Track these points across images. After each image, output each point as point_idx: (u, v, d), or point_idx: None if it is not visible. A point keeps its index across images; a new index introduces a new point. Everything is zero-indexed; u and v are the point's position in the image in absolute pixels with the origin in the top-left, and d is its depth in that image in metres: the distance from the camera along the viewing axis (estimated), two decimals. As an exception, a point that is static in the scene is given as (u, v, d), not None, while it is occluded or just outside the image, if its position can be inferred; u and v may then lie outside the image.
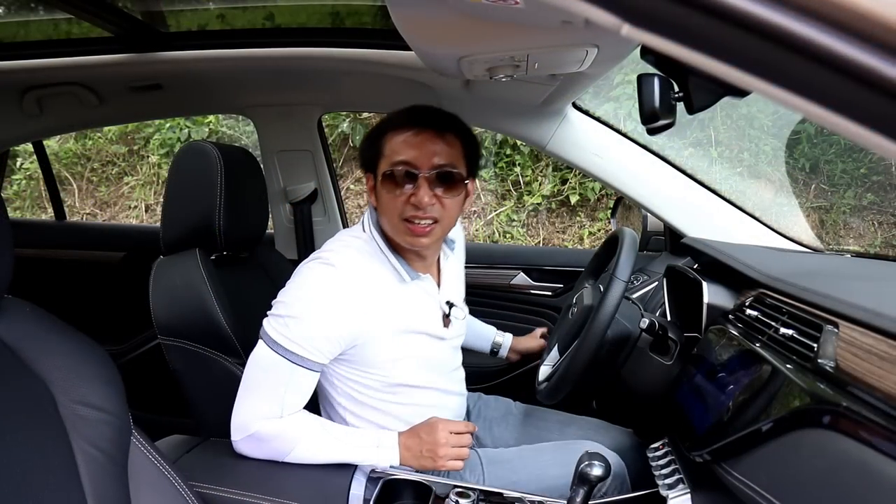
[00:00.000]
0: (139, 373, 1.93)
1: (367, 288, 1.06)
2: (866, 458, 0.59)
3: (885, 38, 0.28)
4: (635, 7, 0.32)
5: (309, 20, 1.73)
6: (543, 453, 1.19)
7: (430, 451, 1.08)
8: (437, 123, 1.07)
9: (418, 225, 1.05)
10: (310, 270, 1.05)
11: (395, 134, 1.07)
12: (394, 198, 1.05)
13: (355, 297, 1.04)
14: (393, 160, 1.05)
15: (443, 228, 1.09)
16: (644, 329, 1.17)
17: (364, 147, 1.14)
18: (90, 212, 4.84)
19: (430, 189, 1.04)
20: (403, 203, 1.05)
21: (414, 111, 1.09)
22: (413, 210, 1.05)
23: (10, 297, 0.76)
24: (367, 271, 1.07)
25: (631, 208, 1.85)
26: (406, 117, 1.08)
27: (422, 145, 1.05)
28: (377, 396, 1.15)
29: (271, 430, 1.05)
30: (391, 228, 1.09)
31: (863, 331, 0.68)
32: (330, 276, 1.03)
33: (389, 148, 1.07)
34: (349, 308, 1.03)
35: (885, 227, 3.88)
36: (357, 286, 1.04)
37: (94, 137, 4.85)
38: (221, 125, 4.59)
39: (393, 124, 1.09)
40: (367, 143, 1.13)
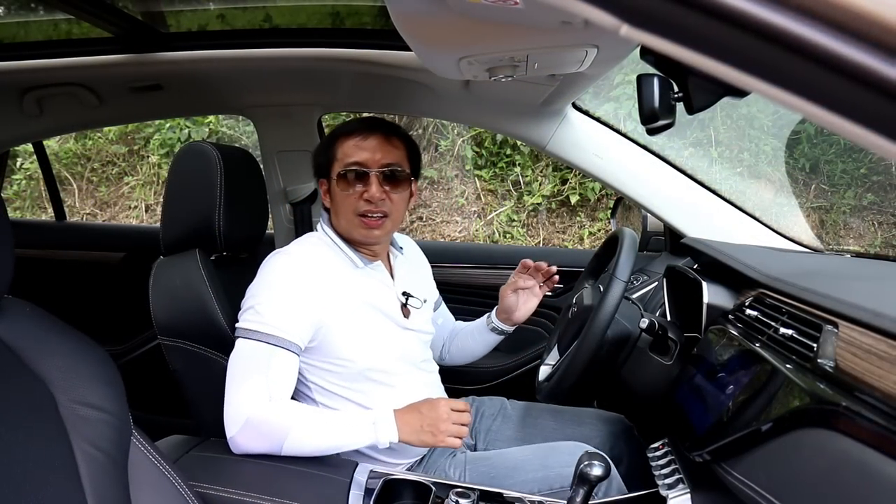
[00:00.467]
0: (139, 373, 1.93)
1: (322, 269, 1.16)
2: (866, 458, 0.59)
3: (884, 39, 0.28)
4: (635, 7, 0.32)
5: (309, 20, 1.73)
6: (525, 451, 1.21)
7: (432, 425, 1.09)
8: (384, 128, 1.21)
9: (371, 218, 1.18)
10: (268, 263, 1.16)
11: (346, 139, 1.20)
12: (348, 196, 1.18)
13: (312, 276, 1.14)
14: (346, 162, 1.18)
15: (392, 222, 1.22)
16: (644, 329, 1.17)
17: (317, 155, 1.26)
18: (90, 212, 4.84)
19: (380, 185, 1.17)
20: (357, 199, 1.17)
21: (362, 120, 1.24)
22: (366, 205, 1.17)
23: (10, 297, 0.76)
24: (322, 257, 1.19)
25: (631, 208, 1.85)
26: (355, 124, 1.22)
27: (371, 147, 1.18)
28: (351, 387, 1.17)
29: (262, 416, 1.05)
30: (346, 224, 1.20)
31: (862, 331, 0.68)
32: (287, 261, 1.15)
33: (342, 152, 1.20)
34: (308, 285, 1.12)
35: (885, 227, 3.88)
36: (313, 267, 1.15)
37: (94, 137, 4.85)
38: (221, 125, 4.59)
39: (344, 131, 1.22)
40: (320, 151, 1.26)
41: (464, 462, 1.20)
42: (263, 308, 1.09)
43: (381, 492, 1.04)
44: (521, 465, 1.16)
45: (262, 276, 1.14)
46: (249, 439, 1.06)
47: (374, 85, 1.70)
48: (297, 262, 1.15)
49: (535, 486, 1.11)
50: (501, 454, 1.22)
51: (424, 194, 4.48)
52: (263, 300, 1.10)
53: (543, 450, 1.20)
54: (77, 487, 0.69)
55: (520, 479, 1.13)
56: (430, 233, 4.43)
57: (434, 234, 4.43)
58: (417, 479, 1.08)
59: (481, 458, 1.21)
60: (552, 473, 1.12)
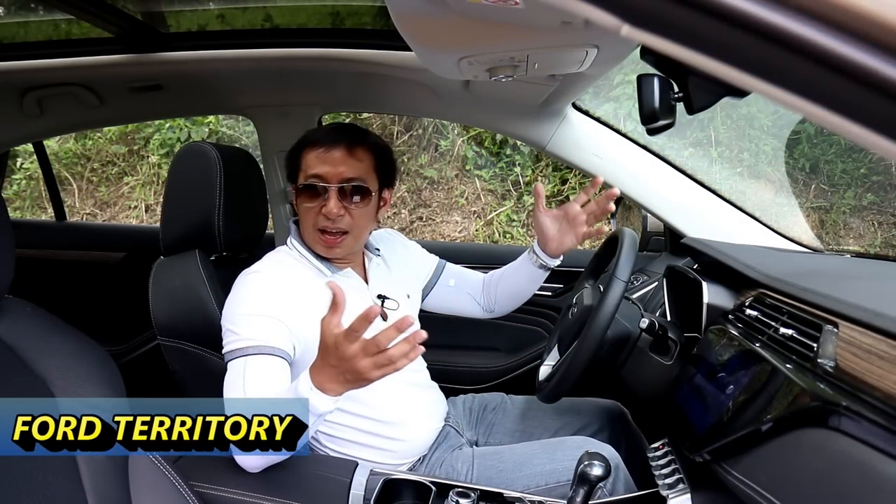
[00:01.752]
0: (139, 373, 1.93)
1: (292, 283, 1.13)
2: (866, 457, 0.59)
3: (884, 39, 0.28)
4: (635, 7, 0.32)
5: (309, 20, 1.73)
6: (532, 446, 1.22)
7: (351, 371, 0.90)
8: (349, 139, 1.16)
9: (330, 235, 1.15)
10: (238, 283, 1.13)
11: (310, 149, 1.17)
12: (308, 209, 1.16)
13: (283, 290, 1.11)
14: (307, 174, 1.16)
15: (354, 238, 1.19)
16: (644, 329, 1.17)
17: (287, 161, 1.23)
18: (90, 212, 4.84)
19: (339, 201, 1.14)
20: (316, 214, 1.15)
21: (329, 128, 1.22)
22: (324, 220, 1.14)
23: (10, 297, 0.76)
24: (291, 270, 1.16)
25: (631, 208, 1.85)
26: (321, 134, 1.19)
27: (332, 160, 1.14)
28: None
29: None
30: (308, 237, 1.18)
31: (862, 331, 0.68)
32: (256, 279, 1.12)
33: (305, 162, 1.17)
34: (280, 300, 1.09)
35: (885, 227, 3.88)
36: (283, 282, 1.13)
37: (94, 137, 4.85)
38: (221, 125, 4.59)
39: (309, 140, 1.18)
40: (288, 158, 1.23)
41: (472, 457, 1.20)
42: (238, 327, 1.06)
43: (381, 492, 1.04)
44: (530, 459, 1.16)
45: (233, 296, 1.11)
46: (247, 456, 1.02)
47: (374, 85, 1.70)
48: (266, 278, 1.13)
49: (542, 480, 1.12)
50: (510, 449, 1.22)
51: (424, 194, 4.48)
52: (237, 319, 1.07)
53: (552, 444, 1.21)
54: (78, 487, 0.69)
55: (528, 473, 1.14)
56: (430, 233, 4.43)
57: (434, 234, 4.43)
58: (417, 479, 1.08)
59: (490, 453, 1.21)
60: (560, 467, 1.13)
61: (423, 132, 4.46)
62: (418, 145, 4.47)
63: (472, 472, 1.17)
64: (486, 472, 1.16)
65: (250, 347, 1.04)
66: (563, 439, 1.24)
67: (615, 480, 1.13)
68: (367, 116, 4.34)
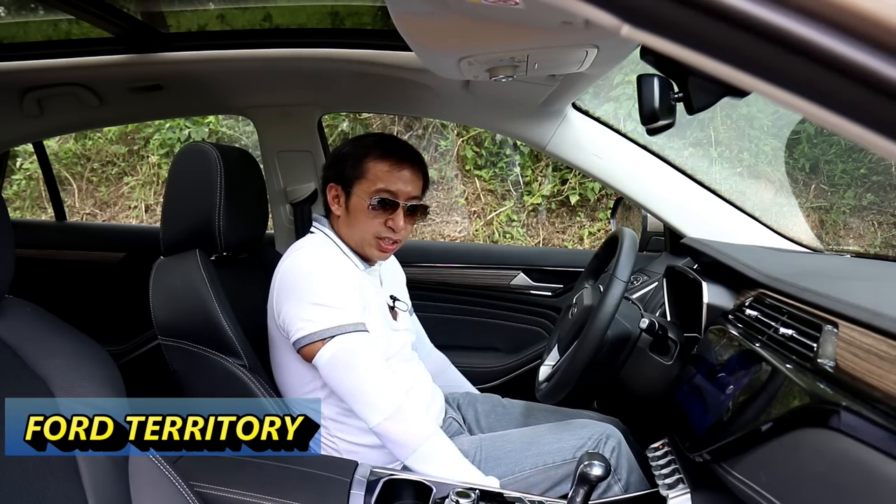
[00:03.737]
0: (139, 373, 1.93)
1: (342, 263, 1.19)
2: (866, 457, 0.59)
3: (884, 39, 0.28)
4: (635, 8, 0.32)
5: (309, 20, 1.73)
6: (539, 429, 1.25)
7: None
8: (413, 158, 1.23)
9: (388, 244, 1.22)
10: (297, 263, 1.16)
11: (378, 160, 1.20)
12: (371, 219, 1.19)
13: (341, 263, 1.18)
14: (377, 186, 1.18)
15: (400, 246, 1.26)
16: (644, 329, 1.17)
17: (342, 163, 1.22)
18: (90, 212, 4.84)
19: (404, 217, 1.21)
20: (380, 224, 1.20)
21: (394, 142, 1.24)
22: (388, 232, 1.20)
23: (10, 297, 0.76)
24: (336, 255, 1.21)
25: (631, 208, 1.85)
26: (389, 147, 1.22)
27: (404, 178, 1.20)
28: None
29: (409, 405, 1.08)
30: (360, 240, 1.22)
31: (862, 331, 0.68)
32: (317, 251, 1.18)
33: (373, 173, 1.19)
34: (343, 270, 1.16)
35: (885, 227, 3.88)
36: (337, 260, 1.18)
37: (94, 137, 4.84)
38: (221, 125, 4.59)
39: (377, 152, 1.20)
40: (348, 161, 1.22)
41: (479, 440, 1.22)
42: (331, 299, 1.10)
43: (381, 492, 1.04)
44: (538, 439, 1.19)
45: (303, 271, 1.14)
46: (398, 425, 1.08)
47: (374, 85, 1.70)
48: (325, 253, 1.18)
49: (549, 458, 1.15)
50: (518, 431, 1.25)
51: (424, 194, 4.47)
52: (323, 292, 1.11)
53: (559, 425, 1.24)
54: (77, 487, 0.69)
55: (535, 452, 1.16)
56: (430, 233, 4.43)
57: (434, 234, 4.43)
58: (417, 479, 1.08)
59: (497, 437, 1.23)
60: (567, 445, 1.16)
61: (423, 132, 4.46)
62: (418, 145, 4.47)
63: (481, 453, 1.18)
64: (495, 452, 1.18)
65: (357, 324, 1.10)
66: (569, 421, 1.26)
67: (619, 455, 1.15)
68: (367, 116, 4.34)
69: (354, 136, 1.29)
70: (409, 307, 1.39)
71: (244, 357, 1.20)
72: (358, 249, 1.24)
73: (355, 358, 1.09)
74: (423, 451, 1.09)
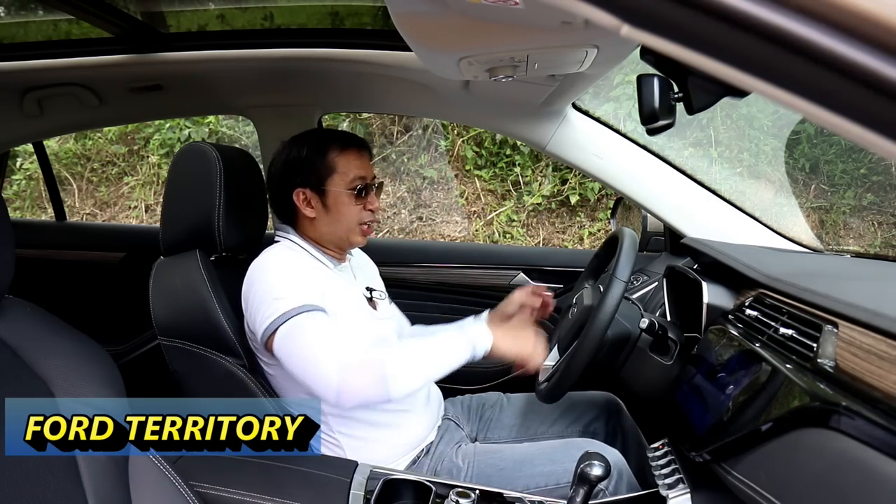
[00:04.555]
0: (139, 373, 1.92)
1: (309, 265, 1.21)
2: (866, 457, 0.59)
3: (884, 39, 0.28)
4: (635, 7, 0.32)
5: (309, 20, 1.73)
6: (535, 447, 1.23)
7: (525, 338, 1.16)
8: (363, 142, 1.28)
9: (369, 227, 1.27)
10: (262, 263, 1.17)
11: (342, 153, 1.23)
12: (353, 207, 1.23)
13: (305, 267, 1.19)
14: (352, 175, 1.23)
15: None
16: (644, 329, 1.17)
17: (305, 167, 1.23)
18: (90, 212, 4.83)
19: (376, 197, 1.27)
20: (360, 210, 1.24)
21: (340, 132, 1.31)
22: (369, 216, 1.25)
23: (10, 298, 0.76)
24: (303, 257, 1.23)
25: (631, 208, 1.85)
26: (343, 138, 1.27)
27: (367, 162, 1.26)
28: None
29: (351, 359, 1.07)
30: (345, 232, 1.25)
31: (862, 331, 0.68)
32: (278, 254, 1.20)
33: (343, 165, 1.23)
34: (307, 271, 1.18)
35: (885, 227, 3.88)
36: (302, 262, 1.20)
37: (94, 137, 4.84)
38: (221, 125, 4.59)
39: (336, 144, 1.24)
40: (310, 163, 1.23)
41: (473, 453, 1.22)
42: (285, 291, 1.11)
43: (381, 492, 1.04)
44: (530, 460, 1.17)
45: (262, 274, 1.16)
46: (352, 387, 1.06)
47: (374, 85, 1.70)
48: (287, 253, 1.20)
49: (542, 481, 1.13)
50: (511, 448, 1.23)
51: (424, 194, 4.48)
52: (279, 285, 1.12)
53: (553, 446, 1.22)
54: (78, 488, 0.69)
55: (527, 473, 1.14)
56: (430, 233, 4.43)
57: (434, 234, 4.43)
58: (417, 479, 1.08)
59: (490, 451, 1.22)
60: (560, 468, 1.13)
61: (423, 132, 4.46)
62: (418, 145, 4.47)
63: (473, 468, 1.18)
64: (486, 469, 1.17)
65: (308, 305, 1.10)
66: (565, 441, 1.24)
67: (618, 482, 1.13)
68: (367, 116, 4.34)
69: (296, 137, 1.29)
70: (386, 296, 1.40)
71: (244, 357, 1.21)
72: (341, 243, 1.27)
73: (297, 340, 1.08)
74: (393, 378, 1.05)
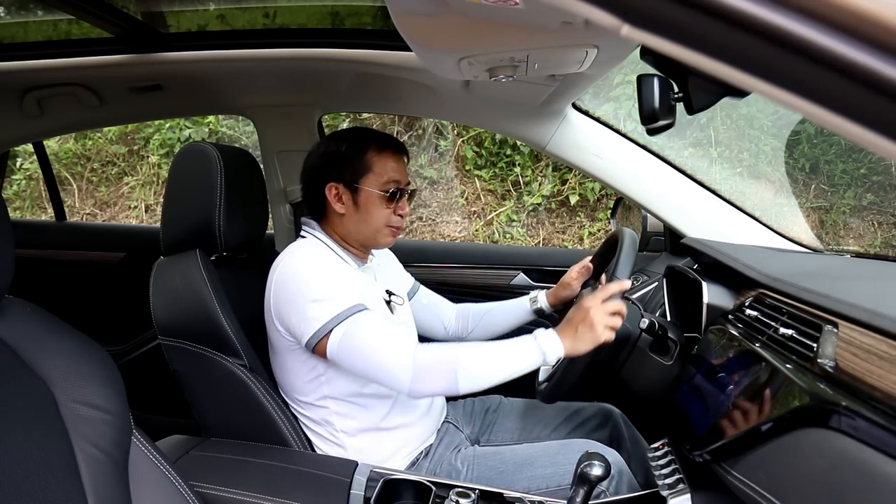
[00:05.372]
0: (140, 373, 1.93)
1: (336, 264, 1.20)
2: (866, 457, 0.59)
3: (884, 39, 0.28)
4: (635, 8, 0.32)
5: (309, 20, 1.72)
6: (534, 448, 1.23)
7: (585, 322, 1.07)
8: (403, 147, 1.28)
9: (397, 229, 1.26)
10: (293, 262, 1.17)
11: (380, 153, 1.22)
12: (383, 208, 1.23)
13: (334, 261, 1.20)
14: (387, 178, 1.22)
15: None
16: (644, 329, 1.17)
17: (342, 161, 1.23)
18: (90, 212, 4.84)
19: (408, 203, 1.27)
20: (391, 214, 1.24)
21: (383, 134, 1.28)
22: (398, 220, 1.25)
23: (10, 298, 0.76)
24: (326, 251, 1.22)
25: (631, 208, 1.85)
26: (383, 139, 1.25)
27: (403, 167, 1.26)
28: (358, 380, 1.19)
29: (424, 355, 1.07)
30: (374, 231, 1.24)
31: (862, 331, 0.68)
32: (308, 253, 1.19)
33: (380, 166, 1.22)
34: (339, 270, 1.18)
35: (885, 227, 3.88)
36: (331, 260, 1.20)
37: (94, 137, 4.84)
38: (221, 125, 4.59)
39: (375, 144, 1.23)
40: (348, 159, 1.22)
41: (472, 456, 1.22)
42: (329, 292, 1.11)
43: (381, 492, 1.04)
44: (531, 462, 1.17)
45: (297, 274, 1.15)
46: (427, 381, 1.07)
47: (374, 85, 1.70)
48: (318, 254, 1.19)
49: (543, 483, 1.13)
50: (511, 450, 1.23)
51: (424, 194, 4.48)
52: (321, 287, 1.12)
53: (553, 447, 1.21)
54: (77, 487, 0.69)
55: (528, 475, 1.14)
56: (430, 233, 4.43)
57: (434, 234, 4.43)
58: (417, 479, 1.08)
59: (491, 454, 1.22)
60: (561, 470, 1.13)
61: (423, 132, 4.46)
62: (418, 145, 4.47)
63: (473, 471, 1.18)
64: (487, 472, 1.17)
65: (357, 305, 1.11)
66: (565, 442, 1.24)
67: (619, 484, 1.13)
68: (367, 116, 4.34)
69: (337, 133, 1.29)
70: (405, 300, 1.39)
71: (244, 357, 1.21)
72: (367, 242, 1.26)
73: (359, 339, 1.09)
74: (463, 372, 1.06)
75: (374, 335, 1.09)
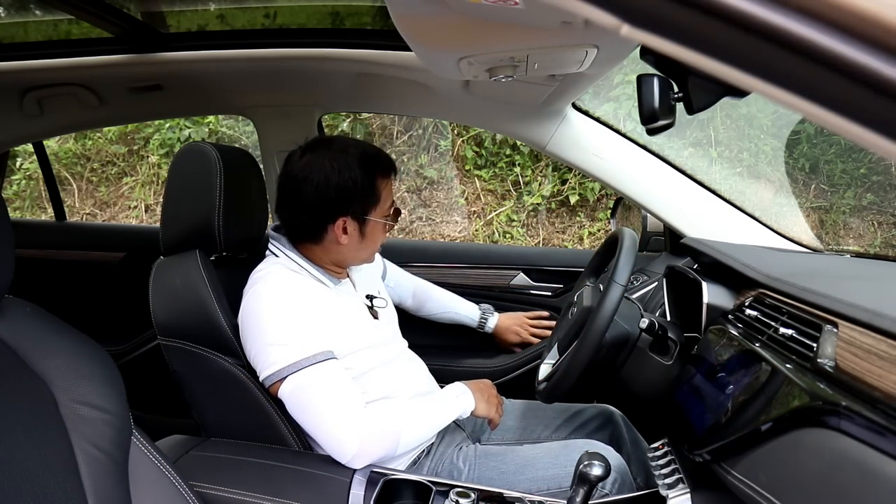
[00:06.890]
0: (140, 373, 1.93)
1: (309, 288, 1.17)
2: (866, 457, 0.59)
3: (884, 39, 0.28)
4: (635, 7, 0.32)
5: (309, 20, 1.73)
6: (536, 449, 1.23)
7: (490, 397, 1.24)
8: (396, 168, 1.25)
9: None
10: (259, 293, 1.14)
11: (383, 179, 1.20)
12: (384, 234, 1.24)
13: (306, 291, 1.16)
14: (389, 203, 1.22)
15: None
16: (644, 329, 1.17)
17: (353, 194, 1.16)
18: (90, 212, 4.84)
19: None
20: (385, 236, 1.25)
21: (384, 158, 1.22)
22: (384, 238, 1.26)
23: (10, 297, 0.76)
24: (299, 280, 1.18)
25: (631, 208, 1.85)
26: (384, 162, 1.21)
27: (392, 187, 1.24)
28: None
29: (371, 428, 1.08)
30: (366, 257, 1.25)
31: (862, 331, 0.68)
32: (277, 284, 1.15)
33: (385, 194, 1.20)
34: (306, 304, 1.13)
35: (885, 227, 3.88)
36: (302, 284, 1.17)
37: (94, 137, 4.84)
38: (221, 125, 4.59)
39: (380, 169, 1.19)
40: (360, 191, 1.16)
41: (474, 455, 1.22)
42: (288, 336, 1.09)
43: (381, 492, 1.04)
44: (532, 463, 1.17)
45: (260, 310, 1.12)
46: (370, 454, 1.08)
47: (374, 85, 1.70)
48: (288, 286, 1.15)
49: (544, 484, 1.13)
50: (513, 451, 1.23)
51: (424, 194, 4.48)
52: (281, 330, 1.09)
53: (555, 448, 1.22)
54: (77, 487, 0.69)
55: (530, 476, 1.15)
56: (430, 233, 4.43)
57: (434, 234, 4.43)
58: (417, 479, 1.08)
59: (492, 454, 1.22)
60: (563, 472, 1.13)
61: (423, 132, 4.46)
62: (418, 145, 4.47)
63: (474, 470, 1.18)
64: (488, 472, 1.17)
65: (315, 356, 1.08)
66: (566, 443, 1.24)
67: (620, 485, 1.13)
68: (367, 116, 4.34)
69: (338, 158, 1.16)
70: (387, 300, 1.38)
71: (244, 357, 1.21)
72: (355, 263, 1.28)
73: (309, 397, 1.08)
74: (404, 442, 1.11)
75: (325, 399, 1.07)
